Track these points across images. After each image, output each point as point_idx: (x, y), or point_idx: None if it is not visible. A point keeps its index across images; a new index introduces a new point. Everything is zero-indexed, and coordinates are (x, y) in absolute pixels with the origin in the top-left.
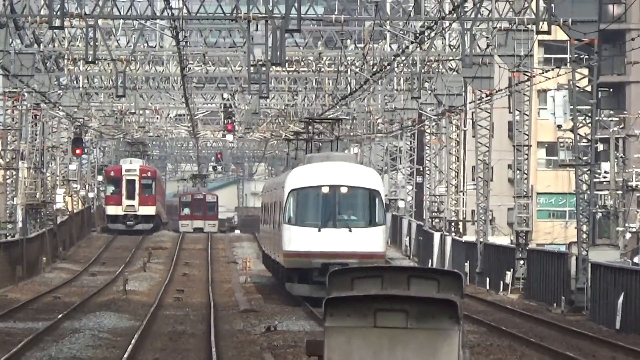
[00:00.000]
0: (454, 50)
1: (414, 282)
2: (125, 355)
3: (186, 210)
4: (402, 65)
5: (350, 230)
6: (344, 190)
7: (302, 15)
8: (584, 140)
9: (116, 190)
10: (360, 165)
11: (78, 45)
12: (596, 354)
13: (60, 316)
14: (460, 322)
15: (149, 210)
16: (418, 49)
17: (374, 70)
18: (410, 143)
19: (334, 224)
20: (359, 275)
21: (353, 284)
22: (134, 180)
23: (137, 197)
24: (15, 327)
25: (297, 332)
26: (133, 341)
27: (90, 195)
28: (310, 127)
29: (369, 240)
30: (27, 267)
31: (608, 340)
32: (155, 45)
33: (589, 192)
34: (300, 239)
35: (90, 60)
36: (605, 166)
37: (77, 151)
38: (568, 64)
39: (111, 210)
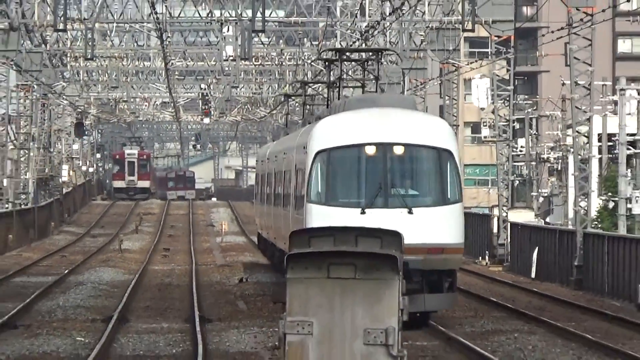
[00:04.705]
0: (393, 45)
1: (361, 240)
2: (122, 303)
3: (171, 183)
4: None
5: (410, 212)
6: (399, 150)
7: (266, 18)
8: (503, 120)
9: (120, 169)
10: (423, 113)
11: (79, 45)
12: (515, 298)
13: (66, 271)
14: (400, 273)
15: (145, 184)
16: (363, 45)
17: (327, 63)
18: None
19: (385, 203)
20: (314, 235)
21: (310, 242)
22: (134, 162)
23: (136, 174)
24: (29, 281)
25: (265, 283)
26: (128, 291)
27: (90, 170)
28: (334, 66)
29: (438, 225)
30: (38, 230)
31: (525, 287)
32: (143, 44)
33: (507, 163)
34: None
35: (89, 57)
36: (521, 141)
37: (79, 133)
38: (489, 57)
39: (117, 184)
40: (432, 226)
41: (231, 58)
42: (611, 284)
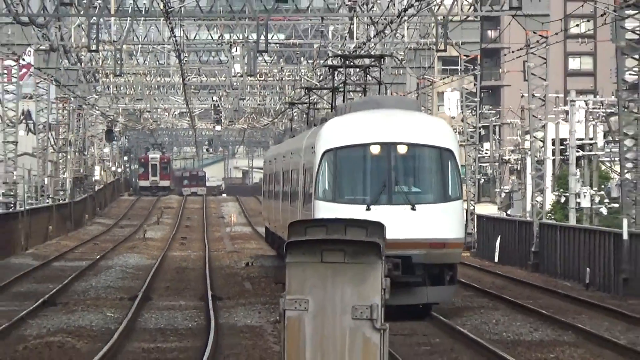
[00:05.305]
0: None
1: (349, 230)
2: (145, 284)
3: (186, 182)
4: (341, 75)
5: (413, 208)
6: (402, 149)
7: (269, 41)
8: (471, 127)
9: (145, 170)
10: (426, 114)
11: (109, 63)
12: (481, 279)
13: (98, 257)
14: (382, 257)
15: (166, 183)
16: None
17: (321, 79)
18: None
19: (390, 200)
20: (310, 225)
21: (306, 232)
22: (156, 164)
23: (158, 174)
24: (66, 265)
25: (268, 267)
26: (150, 274)
27: (119, 170)
28: (337, 72)
29: (440, 221)
30: (74, 222)
31: (489, 270)
32: (164, 63)
33: (474, 164)
34: None
35: (117, 74)
36: (486, 145)
37: (109, 139)
38: (459, 73)
39: (142, 183)
40: (434, 222)
41: (239, 74)
42: (563, 267)
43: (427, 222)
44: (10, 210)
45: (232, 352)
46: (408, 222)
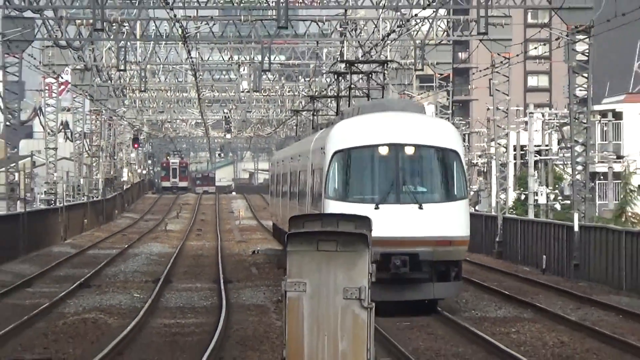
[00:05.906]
0: (363, 81)
1: (341, 223)
2: (166, 269)
3: (199, 182)
4: (333, 91)
5: (420, 207)
6: (410, 150)
7: (272, 62)
8: None
9: (167, 173)
10: (431, 117)
11: (135, 81)
12: None
13: (126, 246)
14: (369, 246)
15: (184, 183)
16: (343, 81)
17: (317, 94)
18: None
19: (397, 199)
20: (307, 220)
21: (304, 225)
22: (176, 168)
23: (178, 176)
24: (99, 253)
25: (271, 255)
26: (171, 260)
27: (144, 172)
28: (342, 77)
29: (446, 220)
30: (106, 216)
31: None
32: (182, 80)
33: None
34: None
35: (142, 90)
36: None
37: (135, 145)
38: (434, 89)
39: (164, 184)
40: (440, 220)
41: (246, 90)
42: (523, 255)
43: (433, 221)
44: (51, 206)
45: (241, 327)
46: (415, 221)
